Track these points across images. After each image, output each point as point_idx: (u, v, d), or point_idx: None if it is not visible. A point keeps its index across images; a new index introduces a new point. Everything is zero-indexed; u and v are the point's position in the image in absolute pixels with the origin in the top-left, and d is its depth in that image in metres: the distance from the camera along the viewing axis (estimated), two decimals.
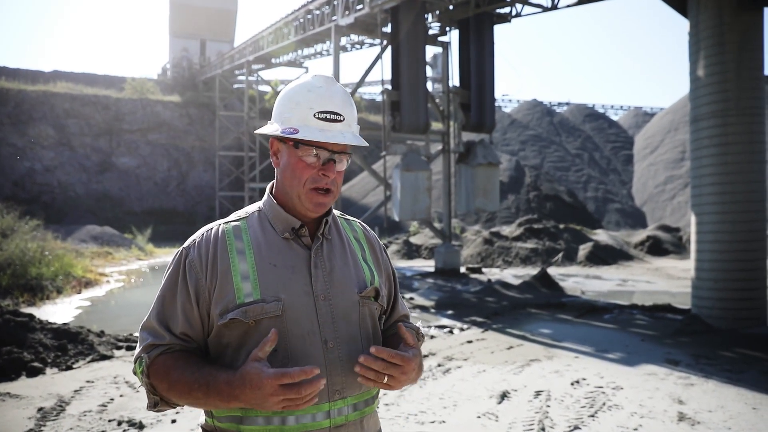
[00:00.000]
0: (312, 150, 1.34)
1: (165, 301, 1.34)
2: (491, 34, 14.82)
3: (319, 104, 1.33)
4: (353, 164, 32.23)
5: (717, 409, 4.59)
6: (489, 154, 14.93)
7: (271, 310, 1.28)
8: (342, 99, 1.37)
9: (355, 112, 1.41)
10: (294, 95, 1.36)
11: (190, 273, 1.33)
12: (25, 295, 10.42)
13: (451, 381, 5.39)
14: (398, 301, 1.58)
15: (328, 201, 1.38)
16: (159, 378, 1.28)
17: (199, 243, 1.36)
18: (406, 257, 19.68)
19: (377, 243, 1.56)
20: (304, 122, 1.33)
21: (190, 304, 1.31)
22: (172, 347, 1.31)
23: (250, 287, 1.30)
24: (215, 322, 1.30)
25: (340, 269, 1.40)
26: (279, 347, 1.28)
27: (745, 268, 7.77)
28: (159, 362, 1.29)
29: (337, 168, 1.37)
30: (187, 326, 1.32)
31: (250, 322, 1.28)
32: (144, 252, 20.95)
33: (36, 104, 31.61)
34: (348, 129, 1.37)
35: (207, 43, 41.77)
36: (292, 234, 1.38)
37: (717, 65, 7.89)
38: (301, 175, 1.35)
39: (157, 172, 33.20)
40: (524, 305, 10.09)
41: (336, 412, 1.31)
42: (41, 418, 4.32)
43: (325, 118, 1.33)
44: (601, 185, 41.22)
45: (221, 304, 1.29)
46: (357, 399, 1.35)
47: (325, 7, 16.62)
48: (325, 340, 1.32)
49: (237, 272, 1.31)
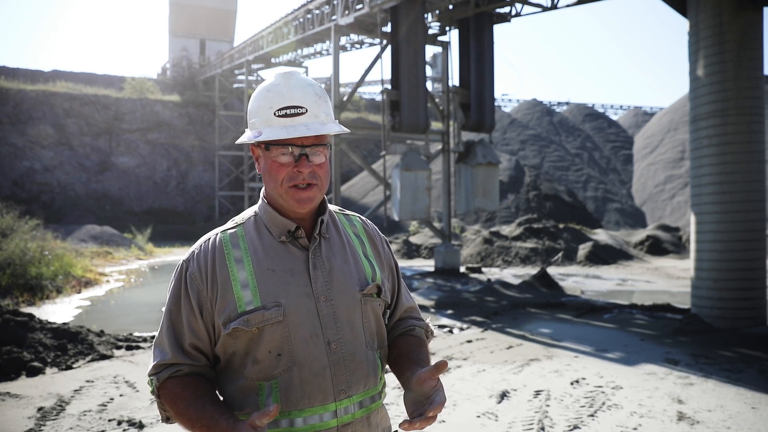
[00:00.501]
0: (282, 149, 1.32)
1: (172, 316, 1.36)
2: (491, 33, 14.82)
3: (278, 102, 1.32)
4: (353, 164, 32.31)
5: (716, 408, 4.59)
6: (489, 154, 14.94)
7: (272, 317, 1.29)
8: (302, 91, 1.33)
9: (325, 101, 1.37)
10: (256, 99, 1.36)
11: (192, 286, 1.34)
12: (24, 294, 10.43)
13: (451, 380, 5.39)
14: (402, 293, 1.56)
15: (312, 195, 1.34)
16: (168, 404, 1.32)
17: (197, 255, 1.37)
18: (406, 257, 19.69)
19: (378, 236, 1.54)
20: (267, 123, 1.33)
21: (195, 316, 1.33)
22: (180, 369, 1.33)
23: (250, 295, 1.31)
24: (220, 332, 1.32)
25: (340, 268, 1.38)
26: (283, 351, 1.29)
27: (745, 267, 7.77)
28: (168, 387, 1.32)
29: (313, 161, 1.33)
30: (194, 338, 1.34)
31: (253, 330, 1.29)
32: (144, 251, 20.96)
33: (35, 104, 31.61)
34: (314, 120, 1.33)
35: (207, 43, 41.76)
36: (289, 237, 1.37)
37: (716, 65, 7.89)
38: (277, 176, 1.33)
39: (157, 171, 33.20)
40: (524, 305, 10.10)
41: (342, 410, 1.32)
42: (41, 418, 4.32)
43: (285, 114, 1.31)
44: (601, 185, 41.22)
45: (224, 314, 1.31)
46: (362, 396, 1.35)
47: (324, 7, 16.62)
48: (329, 341, 1.32)
49: (236, 281, 1.32)
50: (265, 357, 1.30)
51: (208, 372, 1.38)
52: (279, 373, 1.29)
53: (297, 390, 1.29)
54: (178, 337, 1.34)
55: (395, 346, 1.50)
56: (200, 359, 1.35)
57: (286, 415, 1.29)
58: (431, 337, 1.59)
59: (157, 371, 1.34)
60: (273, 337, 1.29)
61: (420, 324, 1.56)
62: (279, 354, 1.29)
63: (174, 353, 1.33)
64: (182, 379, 1.33)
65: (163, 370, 1.34)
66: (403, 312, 1.57)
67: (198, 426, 1.25)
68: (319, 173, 1.35)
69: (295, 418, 1.28)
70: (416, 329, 1.55)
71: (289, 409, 1.29)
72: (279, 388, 1.29)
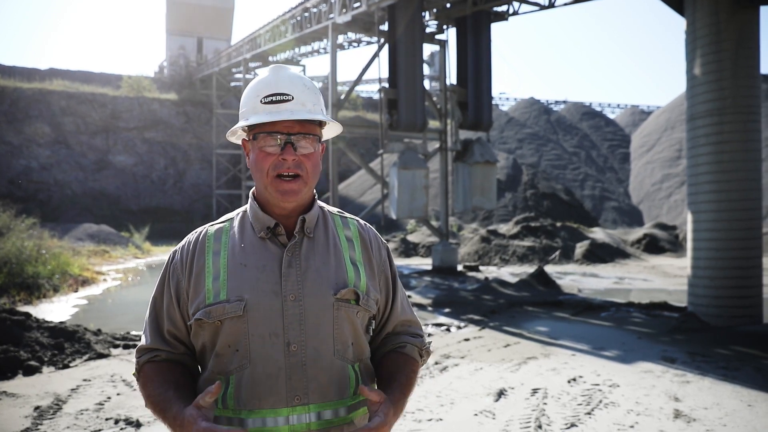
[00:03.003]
0: (268, 137, 1.32)
1: (156, 303, 1.40)
2: (488, 32, 14.83)
3: (265, 89, 1.34)
4: (351, 162, 32.29)
5: (713, 406, 4.60)
6: (486, 153, 14.95)
7: (231, 311, 1.28)
8: (290, 81, 1.35)
9: (314, 95, 1.36)
10: (246, 91, 1.39)
11: (173, 276, 1.38)
12: (21, 293, 10.40)
13: (448, 379, 5.40)
14: (398, 304, 1.49)
15: (296, 188, 1.32)
16: (141, 386, 1.36)
17: (183, 246, 1.41)
18: (404, 255, 19.70)
19: (374, 243, 1.47)
20: (254, 110, 1.34)
21: (173, 305, 1.37)
22: (158, 354, 1.37)
23: (219, 287, 1.31)
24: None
25: (317, 269, 1.34)
26: (239, 347, 1.28)
27: (741, 266, 7.79)
28: (145, 370, 1.37)
29: (300, 151, 1.32)
30: (172, 326, 1.37)
31: (215, 323, 1.29)
32: (141, 250, 20.92)
33: (32, 102, 31.49)
34: (300, 108, 1.33)
35: (204, 41, 41.64)
36: (268, 233, 1.36)
37: (713, 63, 7.90)
38: (262, 165, 1.32)
39: (154, 170, 33.13)
40: (521, 303, 10.11)
41: (295, 418, 1.26)
42: (38, 417, 4.31)
43: (271, 101, 1.32)
44: (598, 183, 41.29)
45: (194, 305, 1.33)
46: (322, 408, 1.28)
47: (322, 5, 16.59)
48: (288, 342, 1.27)
49: (210, 273, 1.33)
50: (225, 351, 1.30)
51: (187, 360, 1.39)
52: (234, 369, 1.28)
53: (248, 389, 1.26)
54: (159, 323, 1.38)
55: (381, 366, 1.44)
56: (178, 347, 1.38)
57: (237, 413, 1.27)
58: (426, 357, 1.50)
59: (139, 355, 1.39)
60: (232, 331, 1.28)
61: (413, 341, 1.47)
62: (237, 350, 1.28)
63: (153, 339, 1.37)
64: (158, 364, 1.36)
65: (144, 354, 1.38)
66: (399, 325, 1.49)
67: (158, 410, 1.28)
68: (306, 164, 1.33)
69: (245, 418, 1.26)
70: (408, 347, 1.46)
71: (240, 408, 1.27)
72: (233, 385, 1.28)
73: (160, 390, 1.30)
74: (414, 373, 1.43)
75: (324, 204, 1.50)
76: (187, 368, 1.39)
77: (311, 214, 1.39)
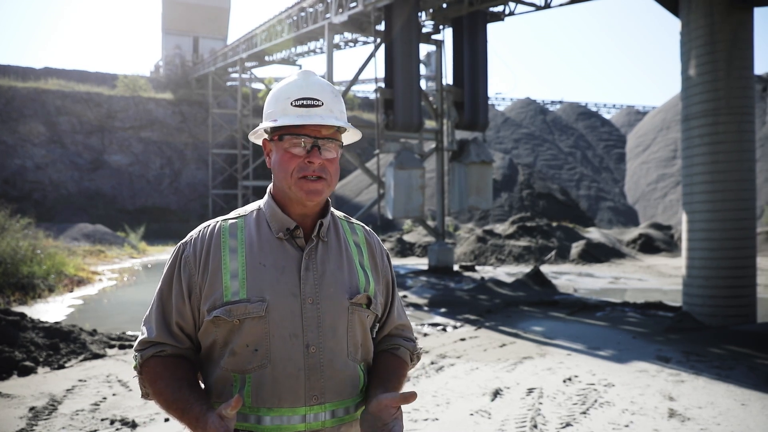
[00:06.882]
0: (295, 139, 1.34)
1: (162, 295, 1.38)
2: (484, 32, 14.86)
3: (296, 93, 1.36)
4: (347, 162, 32.28)
5: (707, 405, 4.63)
6: (482, 152, 14.97)
7: (254, 311, 1.29)
8: (320, 87, 1.38)
9: (340, 103, 1.40)
10: (274, 93, 1.40)
11: (185, 269, 1.36)
12: (16, 293, 10.36)
13: (444, 378, 5.41)
14: (394, 309, 1.54)
15: (321, 188, 1.35)
16: (148, 382, 1.34)
17: (195, 239, 1.39)
18: (400, 255, 19.71)
19: (378, 248, 1.52)
20: (283, 112, 1.36)
21: (183, 299, 1.35)
22: (164, 349, 1.35)
23: (237, 286, 1.32)
24: (204, 318, 1.33)
25: (332, 273, 1.37)
26: (260, 347, 1.30)
27: (736, 265, 7.83)
28: (150, 365, 1.35)
29: (324, 155, 1.35)
30: (181, 320, 1.36)
31: (234, 321, 1.30)
32: (137, 250, 20.87)
33: (27, 101, 31.36)
34: (329, 114, 1.36)
35: (200, 41, 41.57)
36: (287, 234, 1.37)
37: (708, 64, 7.94)
38: (287, 166, 1.34)
39: (150, 169, 33.05)
40: (517, 303, 10.13)
41: (312, 417, 1.30)
42: (33, 418, 4.30)
43: (302, 104, 1.34)
44: (594, 183, 41.40)
45: (209, 301, 1.32)
46: (336, 406, 1.33)
47: (318, 5, 16.59)
48: (308, 344, 1.31)
49: (227, 270, 1.33)
50: (242, 350, 1.30)
51: (192, 355, 1.39)
52: (253, 368, 1.30)
53: (268, 388, 1.29)
54: (167, 317, 1.37)
55: (374, 364, 1.48)
56: (185, 341, 1.37)
57: (255, 411, 1.29)
58: (415, 361, 1.56)
59: (142, 348, 1.36)
60: (252, 331, 1.29)
61: (406, 345, 1.53)
62: (256, 349, 1.29)
63: (160, 332, 1.35)
64: (165, 359, 1.35)
65: (148, 347, 1.36)
66: (394, 328, 1.54)
67: (173, 408, 1.28)
68: (329, 168, 1.36)
69: (263, 416, 1.29)
70: (401, 349, 1.51)
71: (258, 406, 1.29)
72: (251, 384, 1.30)
73: (174, 387, 1.30)
74: (404, 376, 1.49)
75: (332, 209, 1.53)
76: (192, 364, 1.40)
77: (328, 218, 1.42)
